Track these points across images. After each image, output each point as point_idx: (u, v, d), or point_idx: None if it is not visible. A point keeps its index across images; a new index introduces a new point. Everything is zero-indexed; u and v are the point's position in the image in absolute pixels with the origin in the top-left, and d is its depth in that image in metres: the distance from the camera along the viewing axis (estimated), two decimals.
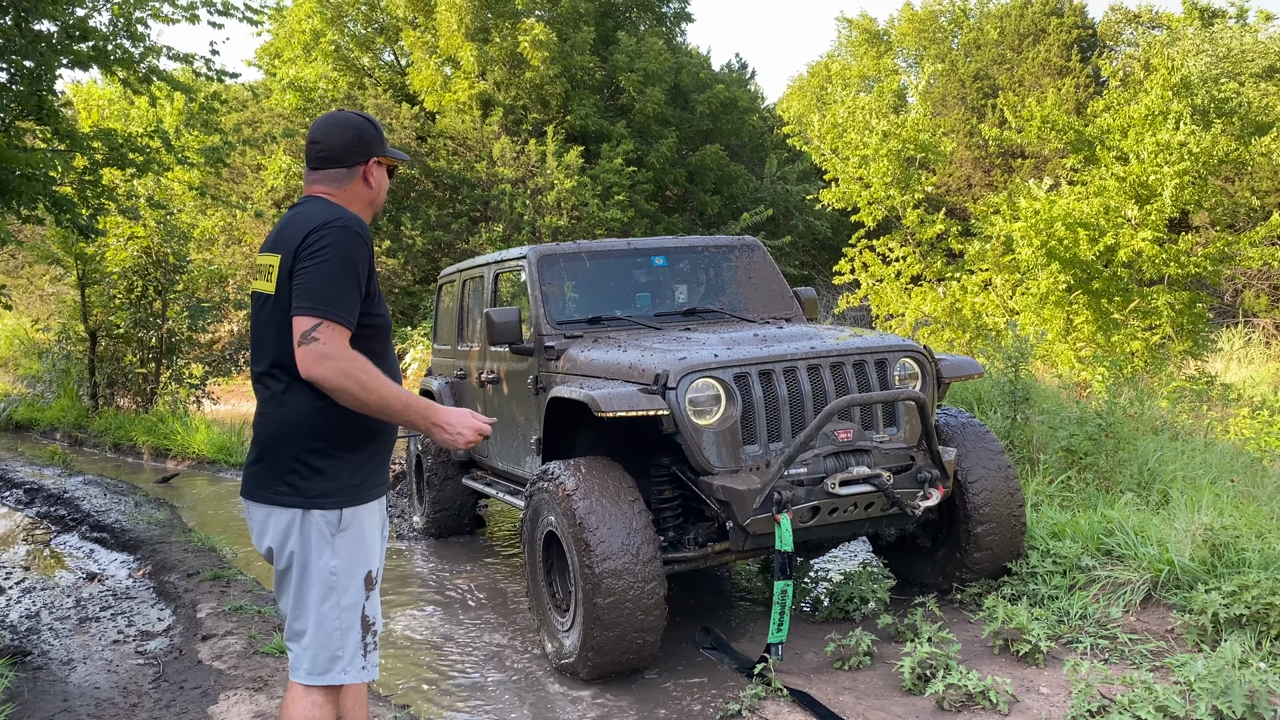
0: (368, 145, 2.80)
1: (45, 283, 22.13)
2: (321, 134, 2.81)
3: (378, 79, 22.73)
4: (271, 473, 2.65)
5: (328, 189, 2.78)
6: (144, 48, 8.59)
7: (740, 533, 4.43)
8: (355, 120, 2.84)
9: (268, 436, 2.67)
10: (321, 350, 2.49)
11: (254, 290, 2.80)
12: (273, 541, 2.68)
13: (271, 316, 2.65)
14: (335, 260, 2.54)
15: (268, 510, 2.67)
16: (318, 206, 2.70)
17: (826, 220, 21.43)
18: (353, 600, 2.69)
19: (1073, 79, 25.28)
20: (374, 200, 2.87)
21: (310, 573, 2.65)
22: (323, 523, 2.64)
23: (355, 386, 2.52)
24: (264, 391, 2.71)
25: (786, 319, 6.02)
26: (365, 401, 2.54)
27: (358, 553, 2.71)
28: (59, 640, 5.47)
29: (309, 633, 2.67)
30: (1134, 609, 4.60)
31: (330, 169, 2.78)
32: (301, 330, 2.50)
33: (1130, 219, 11.27)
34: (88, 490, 9.81)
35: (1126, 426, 6.94)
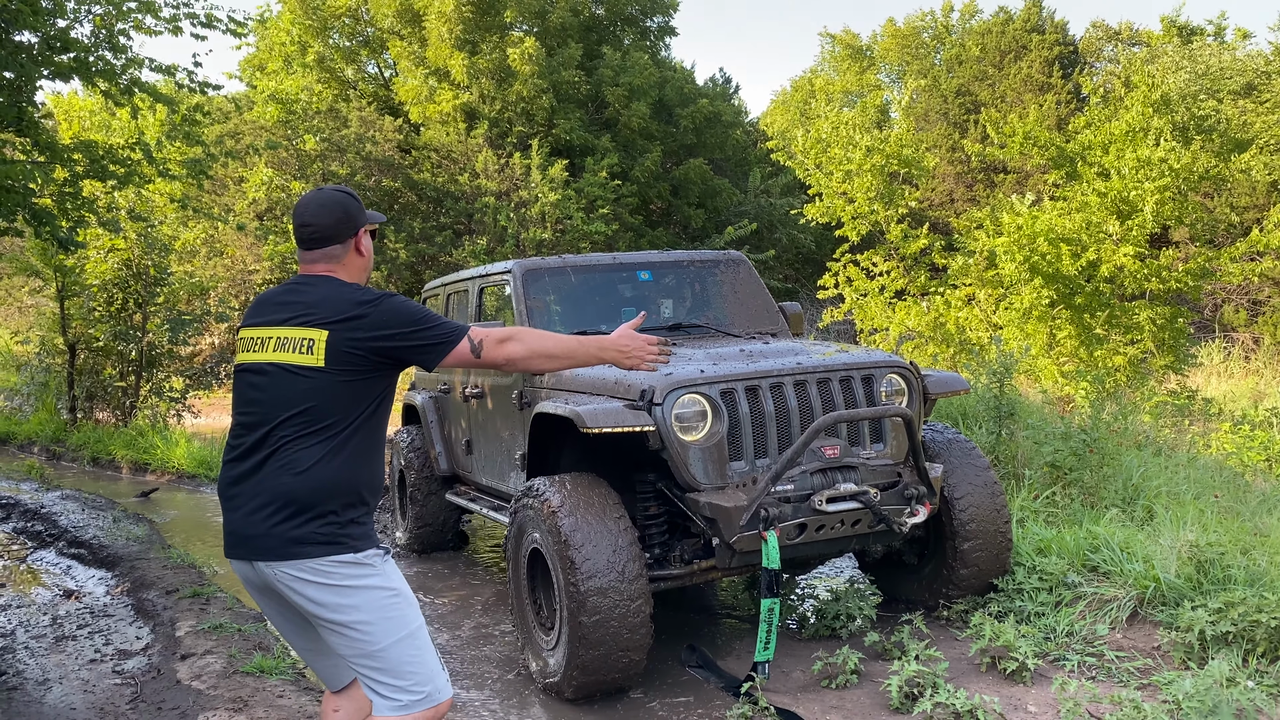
0: (354, 218, 2.93)
1: (25, 295, 21.94)
2: (312, 217, 2.90)
3: (362, 91, 22.69)
4: (307, 527, 2.68)
5: (328, 266, 2.90)
6: (126, 59, 8.54)
7: (727, 550, 4.40)
8: (339, 198, 2.95)
9: (305, 494, 2.68)
10: (493, 340, 2.80)
11: (262, 361, 2.81)
12: (316, 593, 2.68)
13: (315, 386, 2.73)
14: (419, 310, 2.80)
15: (301, 566, 2.68)
16: (339, 286, 2.85)
17: (810, 234, 21.48)
18: (417, 619, 2.80)
19: (1054, 95, 25.48)
20: (366, 267, 3.02)
21: (372, 603, 2.70)
22: (363, 557, 2.74)
23: (542, 349, 2.88)
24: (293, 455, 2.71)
25: (772, 334, 6.00)
26: (556, 353, 2.91)
27: (404, 579, 2.84)
28: (34, 659, 5.37)
29: (391, 666, 2.71)
30: (1120, 626, 4.59)
31: (327, 247, 2.90)
32: (466, 351, 2.78)
33: (1112, 234, 11.33)
34: (65, 505, 9.68)
35: (1110, 442, 6.95)
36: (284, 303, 2.86)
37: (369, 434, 2.79)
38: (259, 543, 2.72)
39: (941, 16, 34.36)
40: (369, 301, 2.77)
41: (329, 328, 2.74)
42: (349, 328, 2.73)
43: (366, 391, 2.77)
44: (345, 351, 2.72)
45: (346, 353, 2.72)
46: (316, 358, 2.73)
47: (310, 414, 2.72)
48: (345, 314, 2.74)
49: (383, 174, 18.64)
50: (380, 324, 2.73)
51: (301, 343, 2.76)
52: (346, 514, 2.73)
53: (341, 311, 2.75)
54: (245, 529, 2.74)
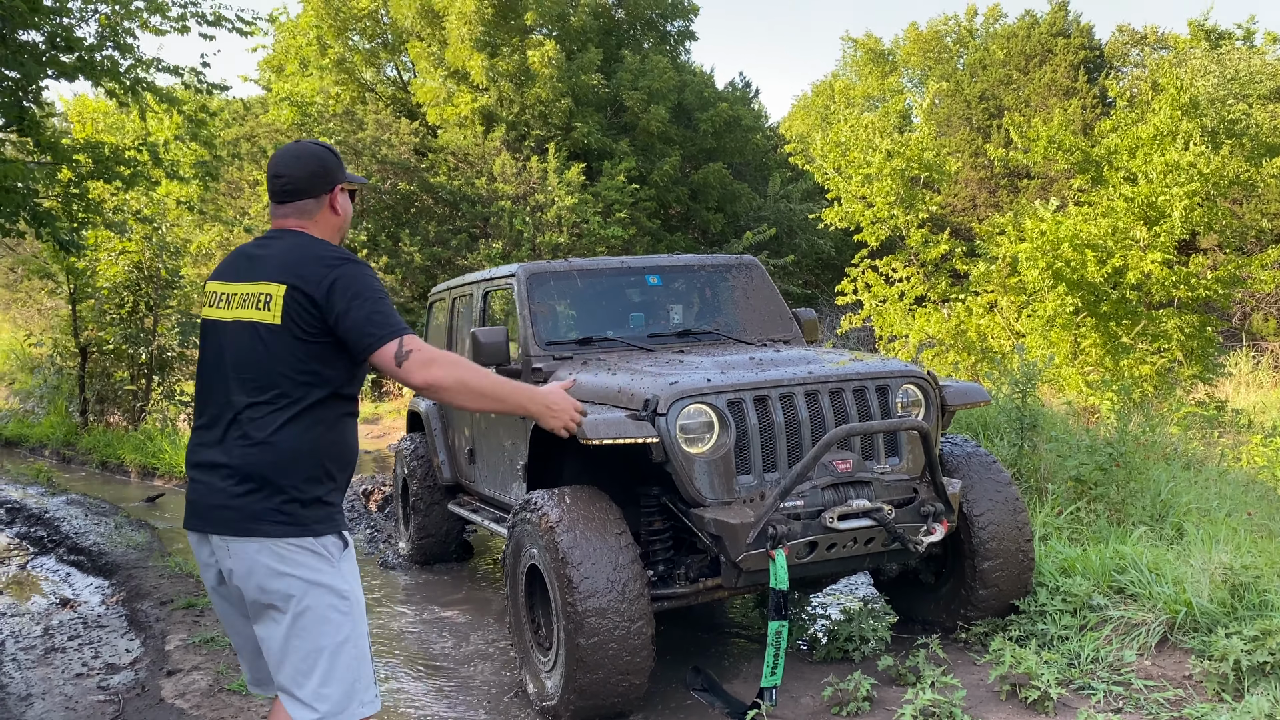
0: (331, 174, 2.78)
1: (44, 297, 22.00)
2: (285, 167, 2.76)
3: (379, 94, 22.60)
4: (264, 502, 2.52)
5: (299, 221, 2.75)
6: (132, 59, 8.42)
7: (733, 569, 4.19)
8: (316, 150, 2.80)
9: (262, 466, 2.53)
10: (423, 358, 2.54)
11: (223, 319, 2.68)
12: (266, 578, 2.51)
13: (272, 345, 2.56)
14: (373, 289, 2.58)
15: (258, 544, 2.52)
16: (305, 240, 2.69)
17: (830, 239, 21.24)
18: (362, 629, 2.61)
19: (1079, 100, 25.12)
20: (341, 227, 2.85)
21: (320, 602, 2.52)
22: (323, 548, 2.57)
23: (465, 384, 2.59)
24: (252, 421, 2.57)
25: (785, 341, 5.79)
26: (484, 392, 2.63)
27: (359, 577, 2.66)
28: (20, 673, 5.22)
29: (320, 670, 2.50)
30: (1149, 653, 4.34)
31: (299, 201, 2.75)
32: (392, 354, 2.53)
33: (1139, 241, 11.04)
34: (69, 510, 9.57)
35: (1137, 455, 6.69)
36: (250, 256, 2.72)
37: (335, 403, 2.62)
38: (214, 515, 2.57)
39: (965, 20, 34.02)
40: (332, 259, 2.59)
41: (286, 282, 2.57)
42: (307, 282, 2.55)
43: (329, 355, 2.58)
44: (302, 307, 2.55)
45: (303, 309, 2.55)
46: (273, 314, 2.57)
47: (269, 377, 2.56)
48: (305, 268, 2.57)
49: (399, 177, 18.50)
50: (333, 285, 2.54)
51: (259, 298, 2.60)
52: (309, 490, 2.56)
53: (302, 265, 2.58)
54: (202, 499, 2.60)
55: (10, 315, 26.42)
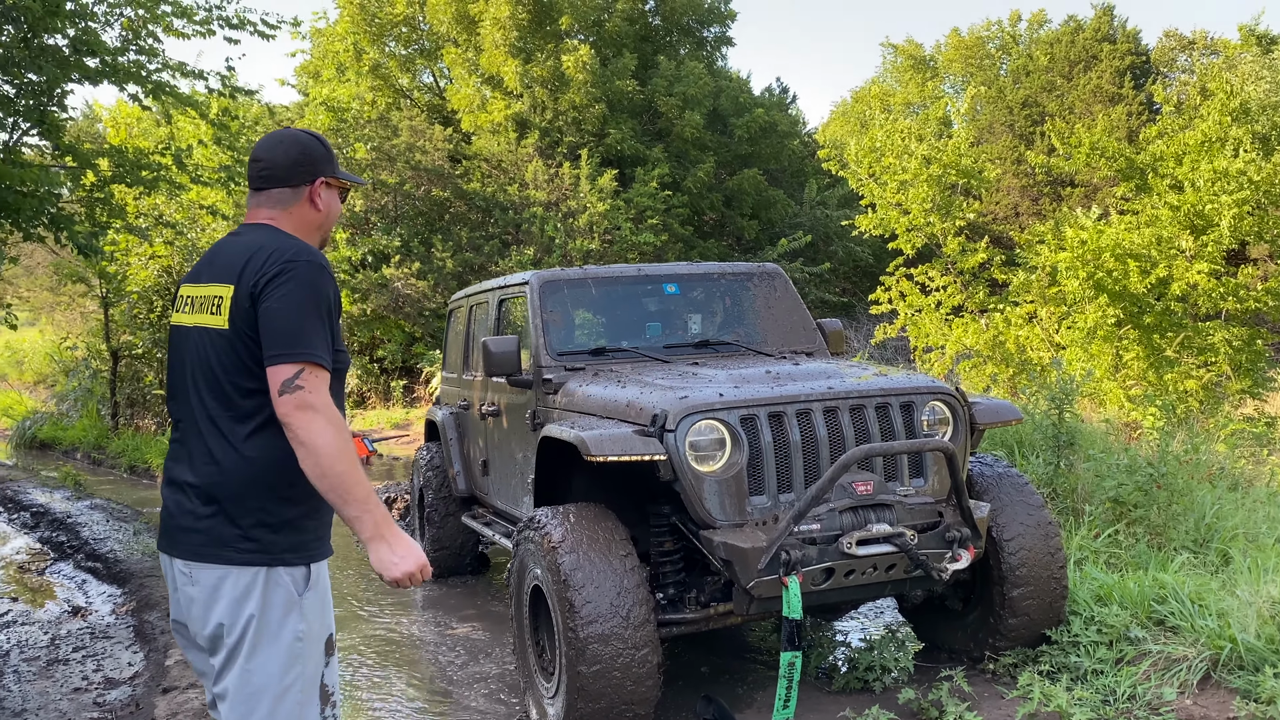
0: (314, 164, 2.56)
1: (86, 301, 22.26)
2: (264, 151, 2.56)
3: (415, 100, 22.63)
4: (230, 526, 2.32)
5: (272, 213, 2.53)
6: (158, 64, 8.38)
7: (744, 595, 3.97)
8: (301, 137, 2.58)
9: (226, 486, 2.33)
10: (307, 400, 2.25)
11: (185, 324, 2.49)
12: (225, 613, 2.30)
13: (223, 353, 2.36)
14: (306, 299, 2.31)
15: (221, 572, 2.32)
16: (266, 235, 2.44)
17: (867, 247, 20.90)
18: (314, 669, 2.36)
19: (1125, 106, 24.61)
20: (323, 225, 2.61)
21: (271, 641, 2.30)
22: (289, 581, 2.35)
23: (331, 451, 2.24)
24: (214, 435, 2.36)
25: (808, 353, 5.56)
26: (331, 471, 2.24)
27: (323, 615, 2.42)
28: (20, 685, 5.12)
29: (265, 710, 2.30)
30: (1191, 691, 4.06)
31: (273, 189, 2.53)
32: (282, 378, 2.25)
33: (1185, 250, 10.67)
34: (91, 516, 9.55)
35: (1180, 475, 6.38)
36: (214, 254, 2.51)
37: None
38: (180, 537, 2.38)
39: (1008, 26, 33.49)
40: (284, 254, 2.34)
41: (234, 282, 2.35)
42: (253, 281, 2.32)
43: None
44: (247, 310, 2.32)
45: (247, 310, 2.32)
46: (222, 318, 2.36)
47: (225, 387, 2.35)
48: (256, 268, 2.33)
49: (432, 183, 18.47)
50: (271, 279, 2.30)
51: (213, 301, 2.39)
52: (278, 512, 2.34)
53: (253, 262, 2.34)
54: (170, 519, 2.42)
55: (53, 318, 26.78)
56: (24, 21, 7.09)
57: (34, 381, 23.99)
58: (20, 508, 10.45)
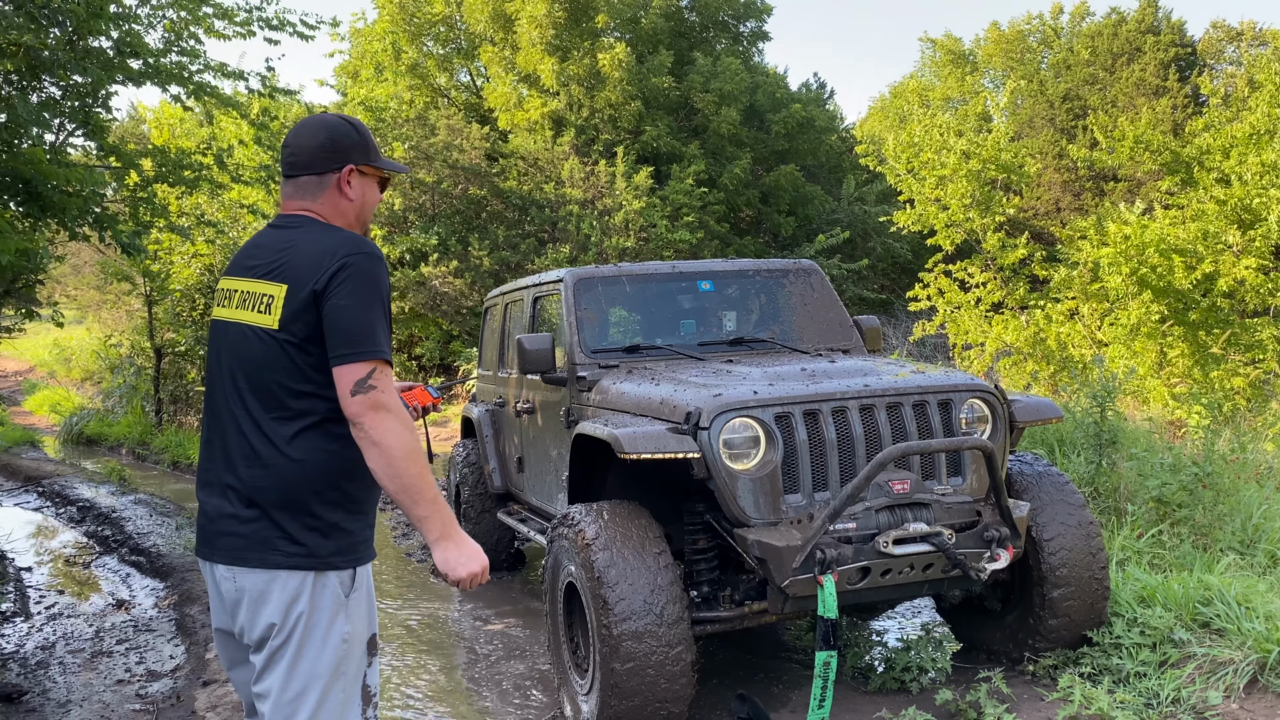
0: (343, 151, 2.45)
1: (130, 299, 22.63)
2: (293, 137, 2.49)
3: (453, 99, 22.75)
4: (276, 530, 2.28)
5: (304, 203, 2.46)
6: (200, 65, 8.49)
7: (779, 594, 3.94)
8: (331, 121, 2.49)
9: (272, 488, 2.29)
10: (380, 400, 2.22)
11: (226, 320, 2.44)
12: (276, 615, 2.27)
13: (271, 353, 2.31)
14: (369, 294, 2.26)
15: (269, 575, 2.28)
16: (316, 231, 2.38)
17: (906, 242, 20.71)
18: (356, 670, 2.35)
19: (1170, 99, 24.18)
20: (358, 215, 2.51)
21: (319, 642, 2.28)
22: (337, 584, 2.32)
23: (404, 451, 2.22)
24: (258, 436, 2.32)
25: (844, 351, 5.51)
26: (405, 472, 2.23)
27: (368, 616, 2.40)
28: (64, 677, 5.21)
29: (308, 711, 2.28)
30: (1237, 695, 3.98)
31: (299, 176, 2.46)
32: (355, 378, 2.21)
33: (1232, 246, 10.46)
34: (136, 510, 9.69)
35: (1227, 475, 6.25)
36: (257, 247, 2.44)
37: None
38: (221, 541, 2.35)
39: (1050, 19, 33.03)
40: (341, 248, 2.28)
41: (288, 281, 2.29)
42: (309, 279, 2.26)
43: None
44: (303, 309, 2.26)
45: (303, 310, 2.26)
46: (272, 318, 2.30)
47: (273, 387, 2.30)
48: (309, 262, 2.28)
49: (469, 182, 18.56)
50: (334, 274, 2.25)
51: (261, 299, 2.34)
52: (326, 515, 2.30)
53: (307, 259, 2.29)
54: (210, 524, 2.38)
55: (99, 317, 27.25)
56: (69, 24, 7.21)
57: (81, 378, 24.42)
58: (67, 502, 10.64)
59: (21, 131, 7.19)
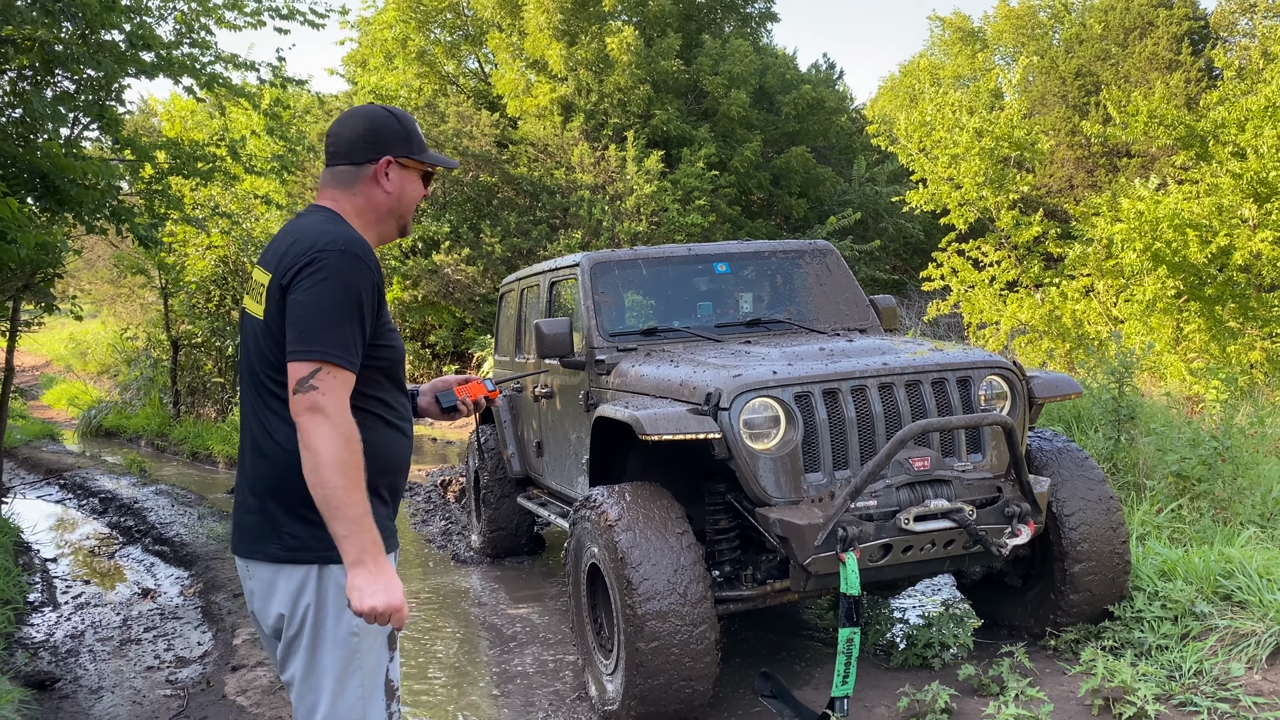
0: (382, 142, 2.40)
1: (145, 292, 22.75)
2: (336, 125, 2.45)
3: (461, 86, 22.73)
4: (273, 524, 2.27)
5: (335, 192, 2.42)
6: (212, 55, 8.52)
7: (801, 572, 3.97)
8: (374, 112, 2.44)
9: (268, 480, 2.27)
10: (317, 401, 2.12)
11: (246, 310, 2.46)
12: (284, 606, 2.28)
13: (262, 343, 2.30)
14: (332, 293, 2.18)
15: (274, 569, 2.29)
16: (317, 221, 2.34)
17: (918, 223, 20.65)
18: (375, 663, 2.32)
19: (1183, 73, 23.96)
20: (394, 209, 2.45)
21: (328, 637, 2.27)
22: (342, 577, 2.22)
23: (331, 460, 2.10)
24: (259, 428, 2.31)
25: (861, 330, 5.53)
26: (328, 482, 2.10)
27: None
28: (95, 664, 5.28)
29: (323, 706, 2.28)
30: (1260, 666, 3.99)
31: (338, 165, 2.42)
32: (298, 376, 2.14)
33: (1247, 219, 10.40)
34: (157, 501, 9.78)
35: (1246, 449, 6.24)
36: (275, 236, 2.42)
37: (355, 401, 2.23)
38: (235, 533, 2.37)
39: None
40: (321, 249, 2.21)
41: (273, 270, 2.27)
42: (285, 270, 2.22)
43: None
44: (278, 301, 2.24)
45: (277, 303, 2.24)
46: (261, 307, 2.30)
47: (262, 379, 2.29)
48: (291, 256, 2.24)
49: (480, 169, 18.56)
50: (300, 270, 2.20)
51: (259, 289, 2.34)
52: None
53: (290, 252, 2.25)
54: (234, 516, 2.40)
55: (114, 310, 27.37)
56: (82, 17, 7.24)
57: (97, 372, 24.58)
58: (89, 494, 10.74)
59: (37, 126, 7.25)
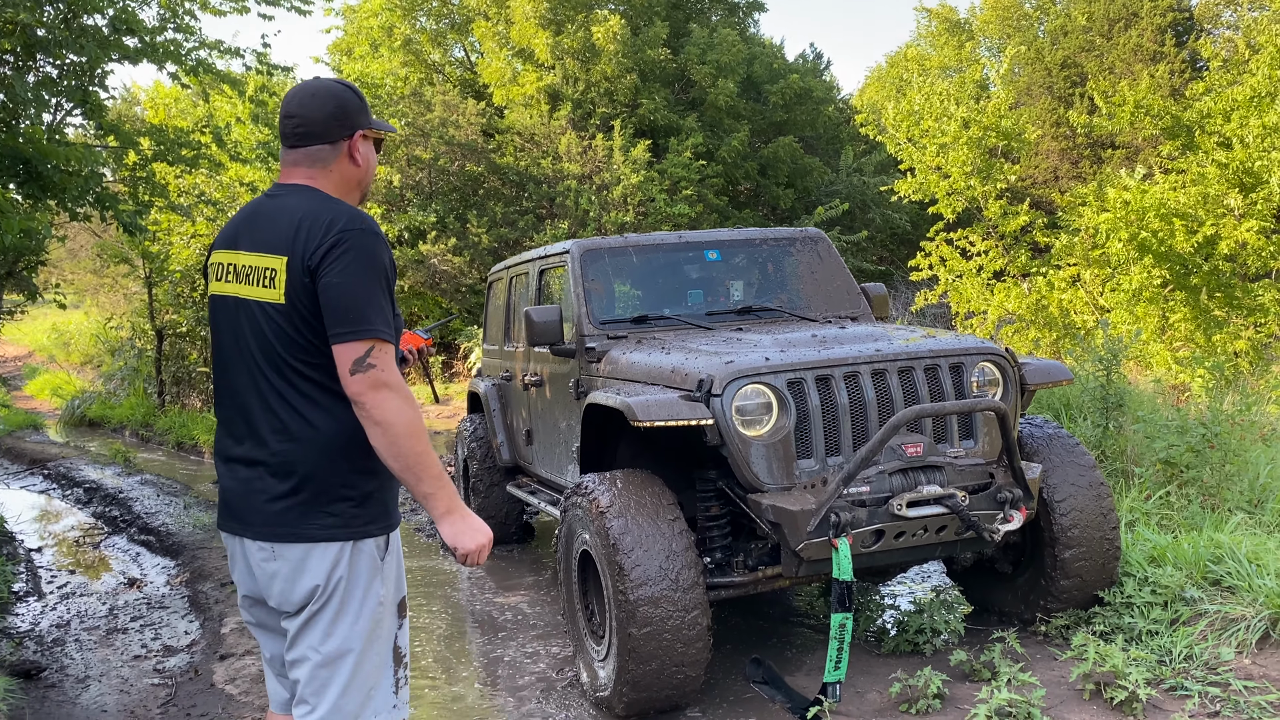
0: (351, 117, 2.44)
1: (129, 281, 22.57)
2: (298, 106, 2.43)
3: (447, 75, 22.62)
4: (313, 505, 2.30)
5: (310, 171, 2.43)
6: (196, 41, 8.43)
7: (793, 558, 3.97)
8: (335, 89, 2.47)
9: (304, 461, 2.30)
10: (380, 378, 2.22)
11: (228, 295, 2.41)
12: (318, 579, 2.30)
13: (283, 328, 2.29)
14: (365, 271, 2.25)
15: (305, 549, 2.30)
16: (312, 201, 2.35)
17: (905, 213, 20.67)
18: (389, 632, 2.39)
19: (1167, 65, 24.04)
20: (363, 180, 2.52)
21: (356, 607, 2.33)
22: (374, 549, 2.36)
23: (407, 429, 2.23)
24: (285, 410, 2.32)
25: (852, 318, 5.52)
26: (405, 449, 2.23)
27: (399, 579, 2.44)
28: (81, 654, 5.24)
29: (343, 674, 2.31)
30: (1250, 651, 4.01)
31: (311, 146, 2.42)
32: (353, 357, 2.21)
33: (1233, 209, 10.45)
34: (143, 491, 9.72)
35: (1233, 435, 6.27)
36: (253, 218, 2.42)
37: None
38: (254, 517, 2.35)
39: None
40: (337, 223, 2.26)
41: (288, 254, 2.27)
42: (307, 253, 2.25)
43: None
44: (304, 284, 2.25)
45: (305, 285, 2.25)
46: (278, 291, 2.29)
47: (289, 362, 2.30)
48: (311, 238, 2.25)
49: (466, 158, 18.48)
50: (328, 253, 2.23)
51: (262, 273, 2.32)
52: (361, 485, 2.33)
53: (305, 232, 2.26)
54: (238, 500, 2.39)
55: (98, 300, 27.16)
56: (64, 2, 7.16)
57: (81, 362, 24.39)
58: (73, 484, 10.66)
59: (20, 111, 7.16)
